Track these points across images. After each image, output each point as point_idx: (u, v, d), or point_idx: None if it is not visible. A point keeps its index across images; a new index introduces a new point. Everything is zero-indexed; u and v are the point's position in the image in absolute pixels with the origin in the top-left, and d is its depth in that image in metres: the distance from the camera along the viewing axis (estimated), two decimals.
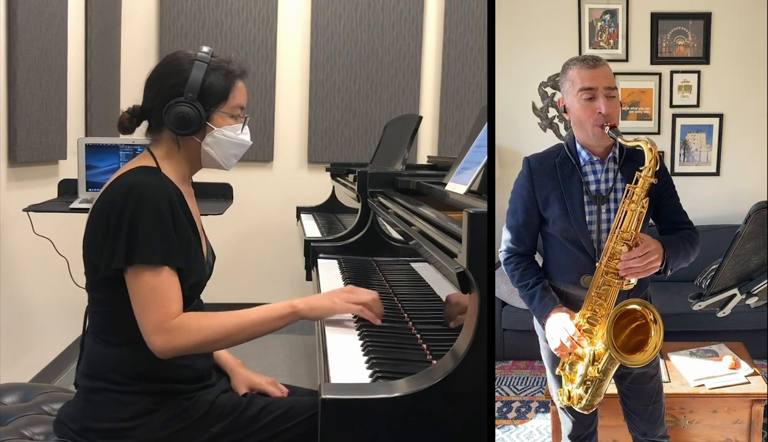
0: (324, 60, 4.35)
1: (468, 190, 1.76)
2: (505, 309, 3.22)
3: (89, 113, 3.60)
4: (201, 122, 1.45)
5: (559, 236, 1.52)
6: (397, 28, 4.38)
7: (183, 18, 4.20)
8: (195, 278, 1.44)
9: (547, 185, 1.51)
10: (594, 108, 1.45)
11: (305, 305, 1.45)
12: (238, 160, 1.56)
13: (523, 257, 1.57)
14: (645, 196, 1.40)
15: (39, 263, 3.02)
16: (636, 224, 1.40)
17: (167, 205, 1.37)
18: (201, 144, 1.48)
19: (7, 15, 2.70)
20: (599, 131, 1.45)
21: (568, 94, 1.51)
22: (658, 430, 1.71)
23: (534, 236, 1.58)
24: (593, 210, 1.49)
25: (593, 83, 1.45)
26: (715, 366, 2.29)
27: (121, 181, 1.39)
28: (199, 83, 1.43)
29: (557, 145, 1.59)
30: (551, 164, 1.53)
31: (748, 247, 1.22)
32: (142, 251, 1.32)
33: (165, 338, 1.33)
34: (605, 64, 1.49)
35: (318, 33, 4.33)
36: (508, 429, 2.55)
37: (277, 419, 1.46)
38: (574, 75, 1.48)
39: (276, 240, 4.38)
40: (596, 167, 1.51)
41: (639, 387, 1.65)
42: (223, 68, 1.47)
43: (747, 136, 3.45)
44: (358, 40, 4.37)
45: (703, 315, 1.95)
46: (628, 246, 1.40)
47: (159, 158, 1.48)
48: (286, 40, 4.36)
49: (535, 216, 1.54)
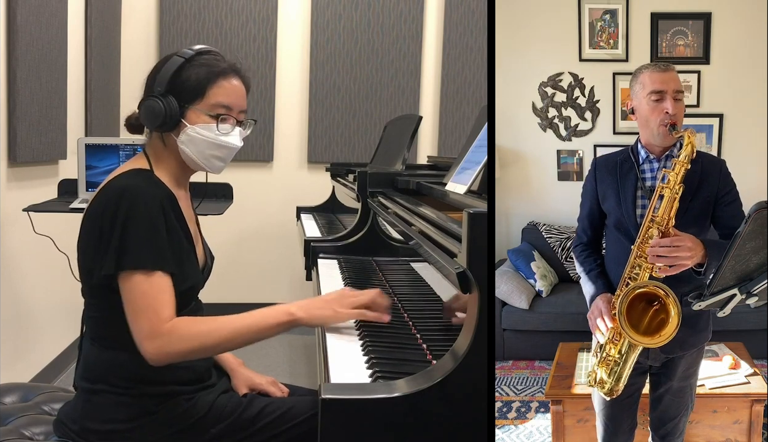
0: (324, 60, 4.35)
1: (468, 190, 1.76)
2: (505, 309, 3.22)
3: (89, 113, 3.60)
4: (171, 117, 1.41)
5: (613, 227, 1.63)
6: (397, 28, 4.38)
7: (183, 18, 4.20)
8: (189, 283, 1.42)
9: (607, 180, 1.63)
10: (662, 108, 1.53)
11: (304, 313, 1.39)
12: (224, 162, 1.49)
13: (586, 246, 1.72)
14: (680, 183, 1.47)
15: (39, 263, 3.02)
16: (669, 209, 1.46)
17: (159, 209, 1.34)
18: (177, 142, 1.44)
19: (7, 15, 2.70)
20: (663, 130, 1.53)
21: (637, 95, 1.59)
22: (675, 440, 1.75)
23: (596, 228, 1.71)
24: (646, 203, 1.57)
25: (663, 86, 1.53)
26: (715, 366, 2.29)
27: (113, 185, 1.37)
28: (168, 77, 1.41)
29: (624, 148, 1.68)
30: (613, 162, 1.64)
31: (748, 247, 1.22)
32: (133, 257, 1.31)
33: (157, 344, 1.30)
34: (674, 69, 1.59)
35: (318, 33, 4.33)
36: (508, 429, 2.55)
37: (278, 420, 1.46)
38: (645, 78, 1.56)
39: (276, 240, 4.38)
40: (653, 165, 1.60)
41: (671, 399, 1.70)
42: (204, 64, 1.43)
43: (747, 136, 3.45)
44: (358, 40, 4.36)
45: None
46: (660, 232, 1.46)
47: (152, 159, 1.46)
48: (286, 40, 4.36)
49: (597, 210, 1.68)
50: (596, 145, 3.62)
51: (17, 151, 2.77)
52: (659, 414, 1.73)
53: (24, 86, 2.79)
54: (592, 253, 1.70)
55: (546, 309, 3.22)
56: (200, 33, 4.20)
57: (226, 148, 1.47)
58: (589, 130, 3.63)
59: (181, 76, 1.42)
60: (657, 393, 1.70)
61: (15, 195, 2.82)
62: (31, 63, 2.85)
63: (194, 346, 1.33)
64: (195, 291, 1.49)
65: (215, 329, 1.36)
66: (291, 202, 4.09)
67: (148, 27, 4.22)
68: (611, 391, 1.55)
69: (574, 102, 3.61)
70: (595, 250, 1.72)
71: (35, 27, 2.87)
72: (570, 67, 3.58)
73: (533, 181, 3.69)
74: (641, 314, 1.45)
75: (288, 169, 4.44)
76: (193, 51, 1.45)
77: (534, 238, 3.56)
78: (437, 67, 4.46)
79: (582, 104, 3.61)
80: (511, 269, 3.37)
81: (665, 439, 1.74)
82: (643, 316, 1.45)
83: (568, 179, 3.67)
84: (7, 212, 2.75)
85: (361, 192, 2.40)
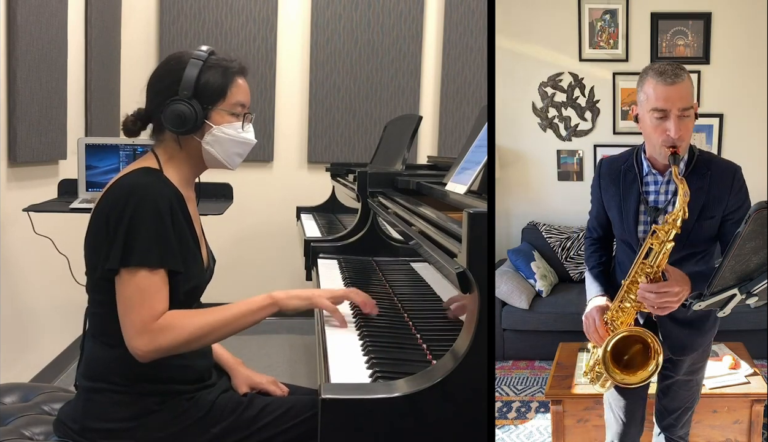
0: (324, 60, 4.35)
1: (468, 190, 1.76)
2: (505, 309, 3.22)
3: (89, 113, 3.60)
4: (198, 120, 1.44)
5: (618, 237, 1.61)
6: (397, 28, 4.38)
7: (183, 18, 4.20)
8: (193, 282, 1.44)
9: (610, 190, 1.59)
10: (664, 128, 1.41)
11: (284, 294, 1.46)
12: (242, 159, 1.55)
13: (596, 240, 1.70)
14: (669, 240, 1.41)
15: (39, 263, 3.02)
16: (659, 260, 1.42)
17: (167, 208, 1.36)
18: (201, 143, 1.48)
19: (7, 15, 2.70)
20: (666, 151, 1.43)
21: (641, 105, 1.47)
22: (678, 431, 1.74)
23: (605, 228, 1.68)
24: (647, 220, 1.52)
25: (667, 105, 1.40)
26: (715, 366, 2.29)
27: (123, 182, 1.39)
28: (194, 81, 1.43)
29: (631, 148, 1.58)
30: (617, 170, 1.57)
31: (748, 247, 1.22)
32: (139, 253, 1.32)
33: (147, 339, 1.31)
34: (684, 80, 1.42)
35: (318, 33, 4.33)
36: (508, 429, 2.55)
37: (278, 419, 1.46)
38: (650, 90, 1.42)
39: (276, 240, 4.38)
40: (657, 178, 1.52)
41: (677, 390, 1.70)
42: (220, 66, 1.47)
43: (747, 136, 3.45)
44: (358, 40, 4.36)
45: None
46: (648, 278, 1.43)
47: (162, 160, 1.48)
48: (286, 40, 4.35)
49: (604, 213, 1.65)
50: (596, 145, 3.62)
51: (17, 151, 2.77)
52: (665, 404, 1.72)
53: (24, 86, 2.79)
54: (599, 248, 1.69)
55: (546, 309, 3.22)
56: (200, 33, 4.20)
57: (248, 145, 1.54)
58: (589, 130, 3.63)
59: (203, 78, 1.44)
60: (663, 384, 1.69)
61: (15, 195, 2.82)
62: (31, 63, 2.85)
63: (185, 337, 1.34)
64: (199, 291, 1.50)
65: (204, 319, 1.38)
66: (291, 202, 4.08)
67: (148, 27, 4.22)
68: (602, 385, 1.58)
69: (574, 102, 3.61)
70: (602, 246, 1.69)
71: (35, 27, 2.87)
72: (570, 67, 3.58)
73: (533, 181, 3.70)
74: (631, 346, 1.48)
75: (288, 169, 4.44)
76: (205, 52, 1.47)
77: (534, 238, 3.56)
78: (437, 67, 4.46)
79: (582, 104, 3.61)
80: (511, 269, 3.37)
81: (669, 430, 1.73)
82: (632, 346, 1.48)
83: (568, 179, 3.67)
84: (7, 212, 2.75)
85: (361, 192, 2.40)
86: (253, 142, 1.54)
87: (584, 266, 1.72)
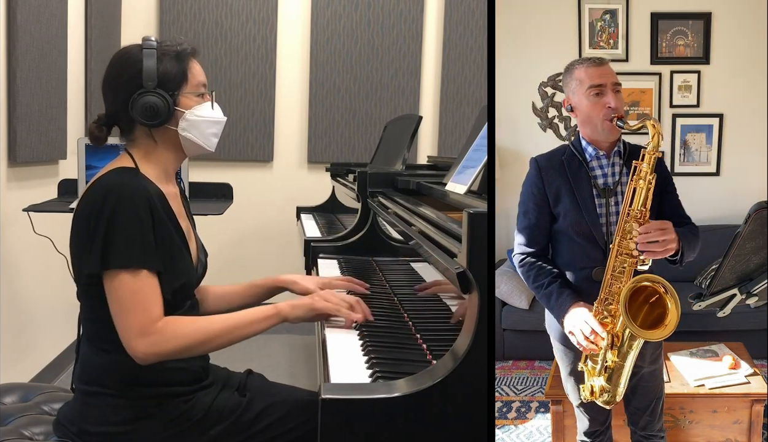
0: (324, 60, 4.34)
1: (468, 190, 1.76)
2: (505, 309, 3.22)
3: (89, 113, 3.60)
4: (170, 109, 1.43)
5: (570, 229, 1.55)
6: (397, 28, 4.38)
7: (183, 18, 4.20)
8: (182, 280, 1.42)
9: (557, 181, 1.56)
10: (603, 103, 1.51)
11: (287, 305, 1.46)
12: (218, 138, 1.54)
13: (538, 257, 1.59)
14: (652, 172, 1.44)
15: (39, 263, 3.02)
16: (645, 200, 1.44)
17: (145, 207, 1.34)
18: (177, 131, 1.46)
19: (7, 15, 2.70)
20: (609, 125, 1.51)
21: (575, 93, 1.56)
22: (656, 425, 1.73)
23: (547, 235, 1.60)
24: (602, 203, 1.54)
25: (602, 80, 1.51)
26: (715, 366, 2.29)
27: (98, 184, 1.37)
28: (155, 70, 1.42)
29: (561, 146, 1.64)
30: (559, 161, 1.58)
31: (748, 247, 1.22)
32: (117, 255, 1.30)
33: (148, 343, 1.30)
34: (608, 63, 1.56)
35: (318, 33, 4.33)
36: (508, 429, 2.55)
37: (277, 421, 1.46)
38: (582, 74, 1.54)
39: (276, 240, 4.38)
40: (602, 162, 1.57)
41: (645, 385, 1.68)
42: (173, 51, 1.46)
43: (747, 136, 3.45)
44: (358, 40, 4.36)
45: (703, 315, 1.96)
46: (639, 224, 1.43)
47: (137, 158, 1.45)
48: (286, 40, 4.35)
49: (547, 213, 1.58)
50: None
51: (17, 151, 2.77)
52: (636, 404, 1.70)
53: (24, 86, 2.79)
54: (544, 264, 1.58)
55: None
56: (200, 33, 4.20)
57: (221, 123, 1.53)
58: None
59: (161, 66, 1.43)
60: (630, 384, 1.67)
61: (15, 195, 2.82)
62: (31, 63, 2.85)
63: (186, 344, 1.34)
64: (189, 288, 1.49)
65: (205, 327, 1.38)
66: (291, 202, 4.08)
67: (148, 27, 4.22)
68: (612, 399, 1.50)
69: None
70: (546, 260, 1.60)
71: (35, 27, 2.87)
72: None
73: None
74: (637, 311, 1.43)
75: (288, 169, 4.44)
76: (155, 40, 1.45)
77: None
78: (437, 67, 4.46)
79: None
80: (511, 269, 3.37)
81: (648, 428, 1.72)
82: (638, 312, 1.44)
83: None
84: (7, 212, 2.75)
85: (361, 192, 2.40)
86: (224, 119, 1.53)
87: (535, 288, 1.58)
